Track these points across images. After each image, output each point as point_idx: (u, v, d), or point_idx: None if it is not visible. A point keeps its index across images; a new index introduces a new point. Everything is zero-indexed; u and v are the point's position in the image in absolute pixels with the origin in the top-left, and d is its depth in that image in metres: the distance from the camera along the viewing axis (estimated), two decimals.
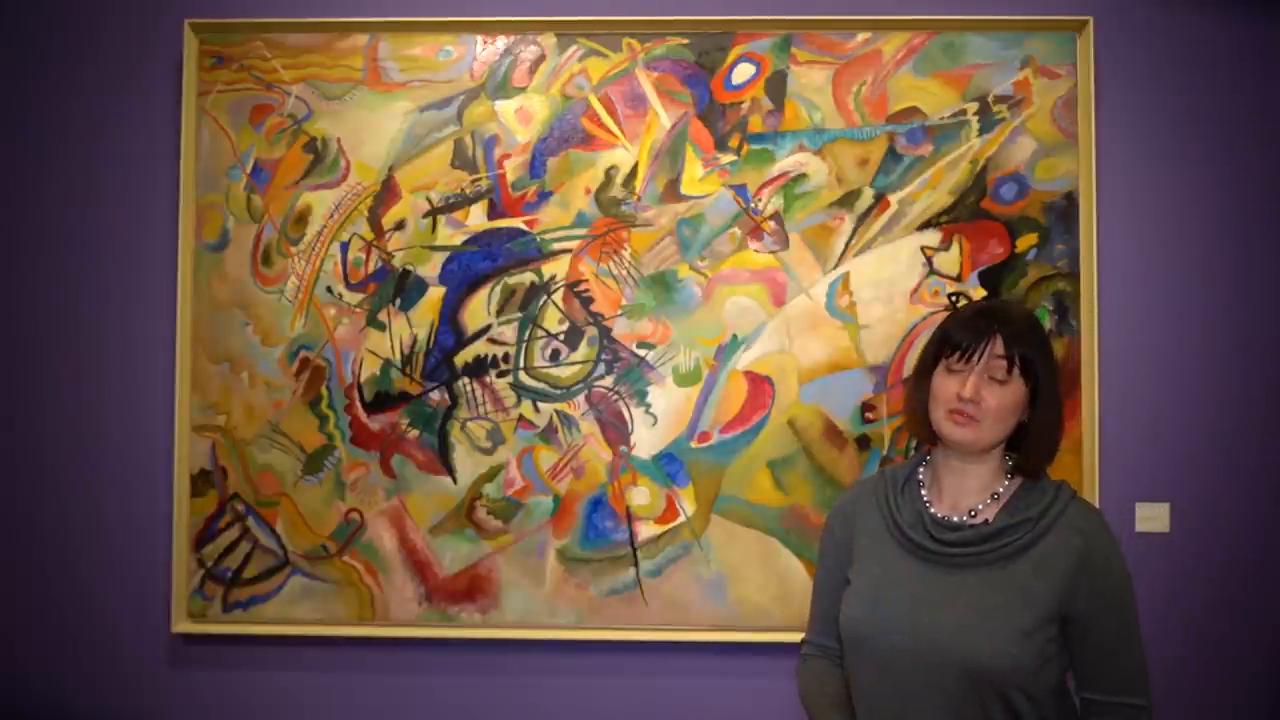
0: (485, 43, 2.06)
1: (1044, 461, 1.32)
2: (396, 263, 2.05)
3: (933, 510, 1.33)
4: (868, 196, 2.02)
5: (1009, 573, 1.25)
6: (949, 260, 2.01)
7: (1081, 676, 1.27)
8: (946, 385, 1.29)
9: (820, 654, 1.44)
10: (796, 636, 1.97)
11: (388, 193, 2.05)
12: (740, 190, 2.03)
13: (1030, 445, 1.30)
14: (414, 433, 2.04)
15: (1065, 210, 2.00)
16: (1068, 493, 1.30)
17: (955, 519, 1.31)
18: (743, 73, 2.04)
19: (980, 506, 1.31)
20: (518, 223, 2.05)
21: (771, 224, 2.03)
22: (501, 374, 2.04)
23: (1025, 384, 1.28)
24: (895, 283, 2.01)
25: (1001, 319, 1.29)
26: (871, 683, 1.30)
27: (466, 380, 2.04)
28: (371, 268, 2.06)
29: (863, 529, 1.38)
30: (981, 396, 1.26)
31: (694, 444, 2.02)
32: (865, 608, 1.31)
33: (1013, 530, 1.26)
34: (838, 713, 1.36)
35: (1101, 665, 1.25)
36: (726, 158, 2.03)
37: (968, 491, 1.32)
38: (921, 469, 1.39)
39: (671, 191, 2.04)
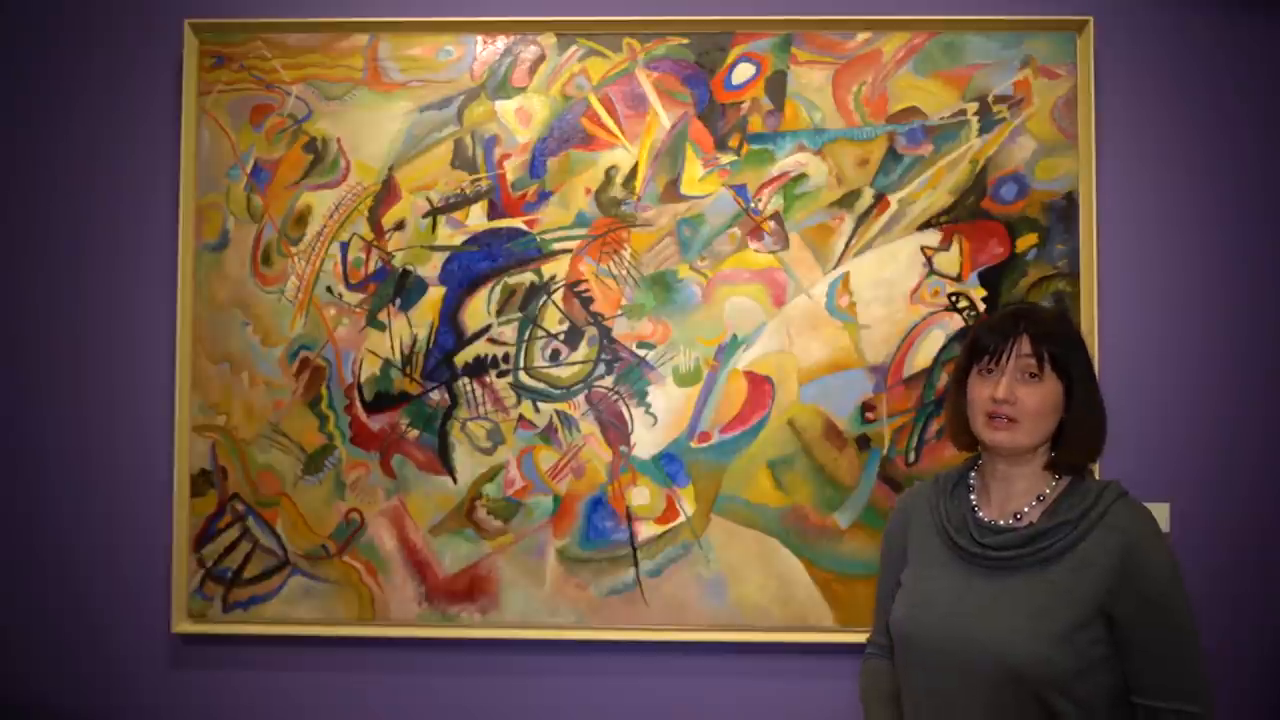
0: (485, 43, 2.06)
1: (1085, 458, 1.31)
2: (396, 263, 2.05)
3: (979, 514, 1.34)
4: (868, 196, 2.02)
5: (1049, 575, 1.24)
6: (949, 260, 2.01)
7: (1132, 681, 1.23)
8: (980, 389, 1.31)
9: (878, 653, 1.49)
10: (797, 637, 2.00)
11: (388, 193, 2.05)
12: (740, 190, 2.03)
13: (1068, 442, 1.30)
14: (414, 433, 2.04)
15: (1065, 210, 2.00)
16: (1114, 492, 1.28)
17: (1000, 523, 1.31)
18: (743, 73, 2.04)
19: (1026, 509, 1.31)
20: (518, 223, 2.05)
21: (771, 224, 2.03)
22: (501, 374, 2.04)
23: (1060, 381, 1.28)
24: (895, 283, 2.01)
25: (1028, 318, 1.30)
26: (916, 682, 1.32)
27: (466, 380, 2.04)
28: (371, 268, 2.06)
29: (916, 532, 1.41)
30: (1017, 396, 1.27)
31: (694, 444, 2.02)
32: (910, 608, 1.33)
33: (1053, 532, 1.25)
34: (886, 708, 1.40)
35: (1151, 669, 1.22)
36: (726, 158, 2.03)
37: (1014, 495, 1.33)
38: (972, 474, 1.41)
39: (671, 191, 2.03)
